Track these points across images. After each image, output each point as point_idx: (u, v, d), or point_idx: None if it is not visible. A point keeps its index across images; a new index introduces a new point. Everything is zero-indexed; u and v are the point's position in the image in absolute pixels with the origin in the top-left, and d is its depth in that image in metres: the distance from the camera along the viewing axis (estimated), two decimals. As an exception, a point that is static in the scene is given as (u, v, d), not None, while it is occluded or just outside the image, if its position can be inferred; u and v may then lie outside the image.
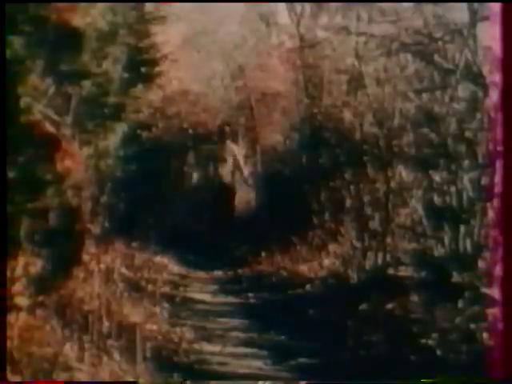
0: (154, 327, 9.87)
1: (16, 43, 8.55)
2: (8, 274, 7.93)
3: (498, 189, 7.97)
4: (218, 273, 13.35)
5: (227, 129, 15.33)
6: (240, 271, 13.25)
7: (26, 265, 8.45)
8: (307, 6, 14.21)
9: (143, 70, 12.65)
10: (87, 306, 9.24)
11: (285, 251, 13.25)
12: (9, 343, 7.52)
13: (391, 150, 11.27)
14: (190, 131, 15.15)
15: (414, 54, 10.92)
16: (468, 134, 9.97)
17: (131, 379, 8.11)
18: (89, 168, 10.62)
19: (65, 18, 9.05)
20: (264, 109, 15.51)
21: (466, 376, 7.70)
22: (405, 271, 10.38)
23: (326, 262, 12.35)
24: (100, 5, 10.21)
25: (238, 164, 15.59)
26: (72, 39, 9.34)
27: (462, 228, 9.72)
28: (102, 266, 10.41)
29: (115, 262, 11.17)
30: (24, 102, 8.72)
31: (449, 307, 8.97)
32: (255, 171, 15.53)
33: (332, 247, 12.60)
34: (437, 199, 10.20)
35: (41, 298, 8.56)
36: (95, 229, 10.73)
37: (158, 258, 13.06)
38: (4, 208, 7.65)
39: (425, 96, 10.71)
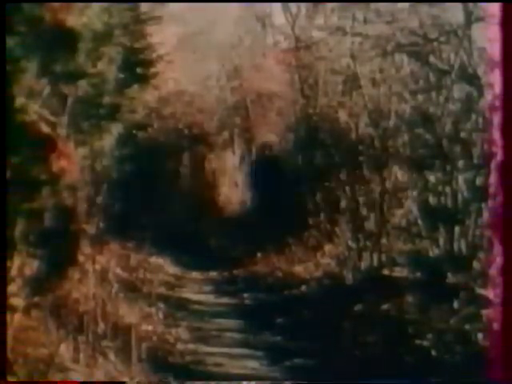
0: (150, 328, 9.87)
1: (11, 43, 8.54)
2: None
3: (492, 189, 7.99)
4: (214, 273, 13.35)
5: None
6: (235, 272, 13.26)
7: (22, 265, 8.45)
8: (303, 6, 14.21)
9: (139, 70, 12.64)
10: (82, 307, 9.24)
11: (280, 252, 13.26)
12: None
13: (386, 151, 11.29)
14: (186, 131, 15.16)
15: (409, 55, 10.93)
16: (463, 134, 9.99)
17: (126, 380, 8.12)
18: (84, 168, 10.61)
19: (60, 19, 9.04)
20: (259, 109, 15.52)
21: (461, 377, 7.71)
22: (400, 272, 10.39)
23: (322, 262, 12.37)
24: (95, 5, 10.20)
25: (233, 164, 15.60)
26: (67, 39, 9.33)
27: (457, 229, 9.74)
28: (98, 266, 10.41)
29: (110, 262, 11.17)
30: (19, 102, 8.71)
31: (444, 308, 8.98)
32: (251, 171, 15.54)
33: (327, 248, 12.61)
34: (432, 200, 10.22)
35: (36, 299, 8.56)
36: (90, 229, 10.73)
37: (154, 259, 13.06)
38: (4, 209, 7.65)
39: (420, 97, 10.73)
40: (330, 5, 13.14)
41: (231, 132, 15.65)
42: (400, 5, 10.99)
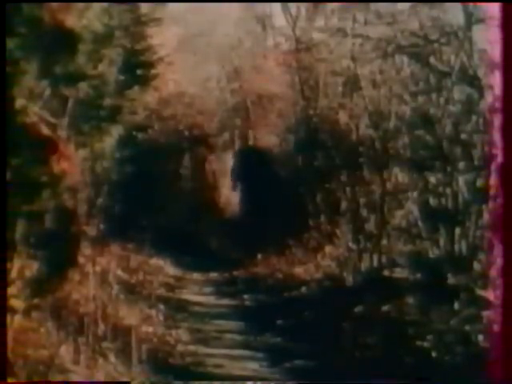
0: (150, 329, 9.87)
1: (11, 45, 8.54)
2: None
3: (493, 191, 7.99)
4: (214, 275, 13.34)
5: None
6: (236, 273, 13.25)
7: (22, 267, 8.45)
8: (303, 7, 14.21)
9: (139, 72, 12.65)
10: (83, 309, 9.24)
11: (280, 253, 13.25)
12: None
13: (387, 152, 11.29)
14: (186, 133, 15.15)
15: (409, 57, 10.94)
16: (463, 136, 9.99)
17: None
18: (85, 170, 10.62)
19: (60, 20, 9.05)
20: (260, 111, 15.50)
21: (462, 378, 7.71)
22: (400, 273, 10.39)
23: (322, 264, 12.37)
24: (95, 7, 10.20)
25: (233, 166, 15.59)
26: (67, 41, 9.34)
27: (458, 230, 9.74)
28: (98, 268, 10.41)
29: (111, 264, 11.16)
30: (19, 103, 8.72)
31: (444, 309, 8.98)
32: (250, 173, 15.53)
33: (328, 249, 12.61)
34: (432, 201, 10.22)
35: (36, 301, 8.56)
36: (91, 231, 10.72)
37: (154, 260, 13.05)
38: (4, 211, 7.65)
39: (420, 98, 10.74)
40: (330, 6, 13.15)
41: (231, 133, 15.65)
42: (400, 6, 11.00)
